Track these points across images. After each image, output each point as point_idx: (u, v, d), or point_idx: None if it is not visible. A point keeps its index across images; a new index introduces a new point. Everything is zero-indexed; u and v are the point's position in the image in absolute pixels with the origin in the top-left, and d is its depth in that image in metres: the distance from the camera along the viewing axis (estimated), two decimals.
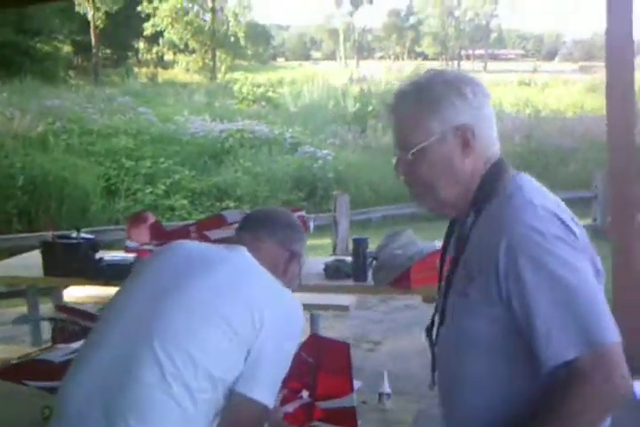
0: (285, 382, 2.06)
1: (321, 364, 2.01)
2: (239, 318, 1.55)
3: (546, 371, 1.29)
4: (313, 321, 4.09)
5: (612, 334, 1.28)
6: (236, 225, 4.55)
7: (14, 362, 2.13)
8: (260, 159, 12.22)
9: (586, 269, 1.34)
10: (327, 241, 8.66)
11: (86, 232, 4.24)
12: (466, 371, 1.42)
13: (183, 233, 3.79)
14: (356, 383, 2.11)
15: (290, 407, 1.96)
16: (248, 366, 1.55)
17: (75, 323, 2.33)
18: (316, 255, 5.50)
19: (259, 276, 1.68)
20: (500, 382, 1.37)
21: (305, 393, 2.01)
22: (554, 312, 1.29)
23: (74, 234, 4.03)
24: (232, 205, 10.85)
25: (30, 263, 4.13)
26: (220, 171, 11.99)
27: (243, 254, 1.71)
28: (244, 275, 1.66)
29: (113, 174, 11.33)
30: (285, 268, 1.79)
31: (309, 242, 2.00)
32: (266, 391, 1.57)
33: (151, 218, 4.25)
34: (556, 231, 1.34)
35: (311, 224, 4.90)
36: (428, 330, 1.57)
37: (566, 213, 1.40)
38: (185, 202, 10.91)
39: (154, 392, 1.47)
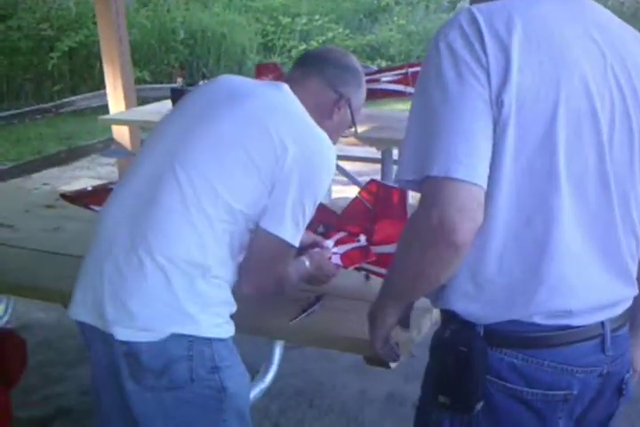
0: (344, 226, 2.15)
1: (379, 210, 2.06)
2: (262, 151, 1.55)
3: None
4: None
5: (442, 168, 1.12)
6: None
7: (86, 189, 2.34)
8: (415, 18, 11.78)
9: (460, 89, 1.14)
10: None
11: None
12: None
13: None
14: None
15: (345, 248, 2.05)
16: (272, 202, 1.57)
17: None
18: None
19: (290, 111, 1.64)
20: None
21: (362, 237, 2.09)
22: (408, 129, 1.20)
23: (201, 82, 4.21)
24: (384, 64, 10.66)
25: (163, 110, 4.38)
26: (374, 29, 11.73)
27: (281, 90, 1.68)
28: (274, 109, 1.63)
29: (270, 31, 11.44)
30: (331, 111, 1.75)
31: None
32: (289, 229, 1.58)
33: (278, 70, 4.39)
34: (454, 37, 1.17)
35: None
36: None
37: (508, 24, 1.15)
38: None
39: (173, 216, 1.53)
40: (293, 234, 1.61)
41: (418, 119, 1.20)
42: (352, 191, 5.08)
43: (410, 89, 4.22)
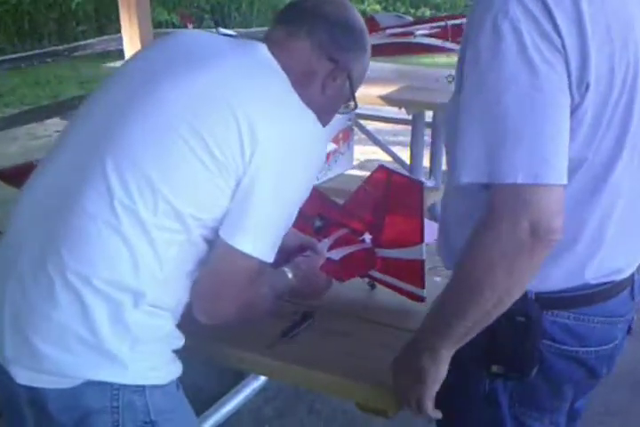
0: (346, 221, 1.73)
1: (390, 203, 1.63)
2: (222, 136, 1.14)
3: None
4: None
5: (530, 173, 1.00)
6: (390, 31, 4.07)
7: (20, 164, 1.93)
8: None
9: (536, 84, 0.99)
10: None
11: None
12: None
13: None
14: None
15: (345, 252, 1.64)
16: (236, 205, 1.17)
17: None
18: None
19: (263, 81, 1.22)
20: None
21: (368, 237, 1.67)
22: (466, 126, 1.05)
23: (213, 30, 3.88)
24: (428, 13, 10.18)
25: None
26: None
27: (255, 52, 1.26)
28: (244, 78, 1.20)
29: None
30: (325, 83, 1.31)
31: None
32: (257, 240, 1.18)
33: None
34: (516, 15, 0.99)
35: None
36: None
37: None
38: (378, 7, 10.32)
39: (95, 222, 1.13)
40: (263, 247, 1.20)
41: (481, 115, 1.04)
42: (376, 154, 4.65)
43: (449, 44, 3.80)
